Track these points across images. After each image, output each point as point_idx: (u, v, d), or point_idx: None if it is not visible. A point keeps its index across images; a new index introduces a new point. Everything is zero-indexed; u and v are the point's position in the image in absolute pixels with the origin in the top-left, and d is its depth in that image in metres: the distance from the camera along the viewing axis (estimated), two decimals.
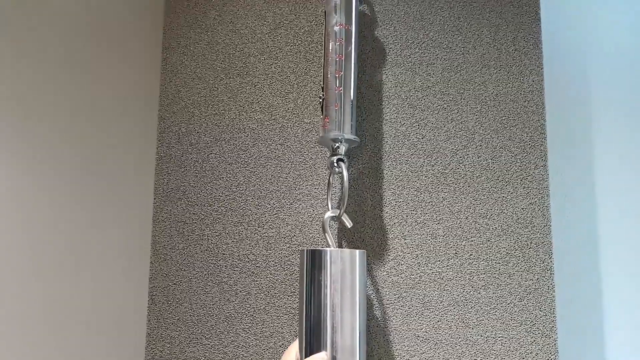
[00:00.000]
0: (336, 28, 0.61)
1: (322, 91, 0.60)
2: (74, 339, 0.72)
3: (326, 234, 0.58)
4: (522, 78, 0.66)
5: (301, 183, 0.65)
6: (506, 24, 0.67)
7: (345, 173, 0.58)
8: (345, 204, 0.58)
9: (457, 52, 0.66)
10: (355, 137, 0.60)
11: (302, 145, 0.66)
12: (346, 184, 0.58)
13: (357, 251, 0.56)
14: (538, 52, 0.66)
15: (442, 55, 0.67)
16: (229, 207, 0.66)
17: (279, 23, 0.69)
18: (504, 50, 0.66)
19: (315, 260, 0.54)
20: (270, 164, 0.66)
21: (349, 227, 0.60)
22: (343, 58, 0.60)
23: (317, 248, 0.58)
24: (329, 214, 0.59)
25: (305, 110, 0.67)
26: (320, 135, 0.60)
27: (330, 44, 0.60)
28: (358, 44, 0.62)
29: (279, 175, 0.66)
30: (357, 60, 0.62)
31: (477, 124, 0.65)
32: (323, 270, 0.54)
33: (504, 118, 0.65)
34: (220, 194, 0.66)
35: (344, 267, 0.54)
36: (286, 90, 0.67)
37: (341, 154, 0.59)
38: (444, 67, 0.66)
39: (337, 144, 0.59)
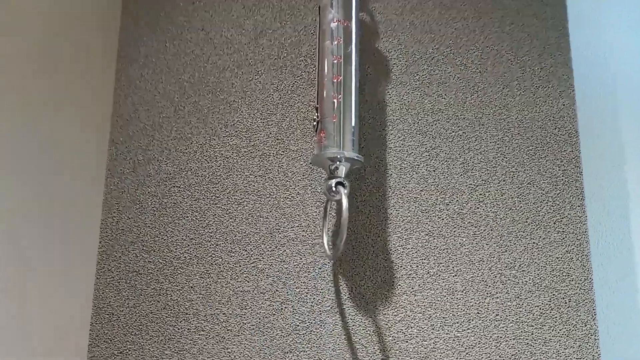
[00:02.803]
0: (333, 25, 0.50)
1: (317, 112, 0.49)
2: None
3: None
4: (550, 101, 0.55)
5: (285, 224, 0.53)
6: (530, 39, 0.57)
7: (344, 200, 0.46)
8: (343, 239, 0.46)
9: (474, 70, 0.56)
10: (358, 155, 0.48)
11: (287, 177, 0.54)
12: (345, 213, 0.46)
13: None
14: (568, 71, 0.56)
15: (456, 73, 0.56)
16: (194, 254, 0.52)
17: (261, 32, 0.58)
18: (529, 68, 0.56)
19: None
20: (247, 200, 0.53)
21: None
22: (342, 60, 0.49)
23: None
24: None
25: (292, 135, 0.55)
26: (315, 153, 0.48)
27: (326, 44, 0.49)
28: (359, 45, 0.51)
29: (257, 214, 0.53)
30: (359, 65, 0.51)
31: (499, 154, 0.54)
32: None
33: (531, 148, 0.54)
34: (184, 238, 0.53)
35: None
36: (268, 111, 0.55)
37: (341, 177, 0.47)
38: (458, 87, 0.56)
39: (335, 164, 0.47)
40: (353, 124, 0.48)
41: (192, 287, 0.52)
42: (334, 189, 0.47)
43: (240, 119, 0.55)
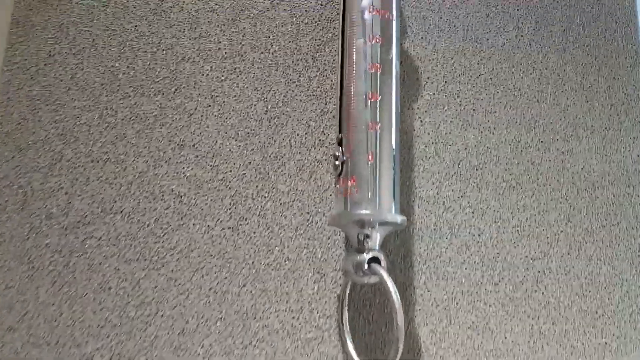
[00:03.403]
0: (367, 15, 0.32)
1: (340, 146, 0.31)
2: None
3: None
4: (627, 145, 0.42)
5: (266, 307, 0.35)
6: (597, 63, 0.43)
7: (389, 283, 0.29)
8: (399, 351, 0.29)
9: (530, 98, 0.41)
10: (401, 217, 0.32)
11: (271, 233, 0.36)
12: (398, 303, 0.29)
13: None
14: None
15: (507, 100, 0.41)
16: (116, 352, 0.33)
17: (241, 12, 0.39)
18: (597, 102, 0.42)
19: None
20: (208, 266, 0.35)
21: None
22: (380, 69, 0.32)
23: None
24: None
25: (281, 169, 0.37)
26: (336, 211, 0.31)
27: (355, 42, 0.32)
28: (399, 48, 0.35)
29: (224, 289, 0.34)
30: (399, 74, 0.34)
31: (562, 217, 0.40)
32: None
33: (601, 212, 0.40)
34: (102, 324, 0.33)
35: None
36: (248, 130, 0.37)
37: (375, 250, 0.30)
38: (510, 120, 0.41)
39: (366, 231, 0.30)
40: (394, 169, 0.31)
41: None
42: (365, 267, 0.30)
43: (204, 137, 0.37)
